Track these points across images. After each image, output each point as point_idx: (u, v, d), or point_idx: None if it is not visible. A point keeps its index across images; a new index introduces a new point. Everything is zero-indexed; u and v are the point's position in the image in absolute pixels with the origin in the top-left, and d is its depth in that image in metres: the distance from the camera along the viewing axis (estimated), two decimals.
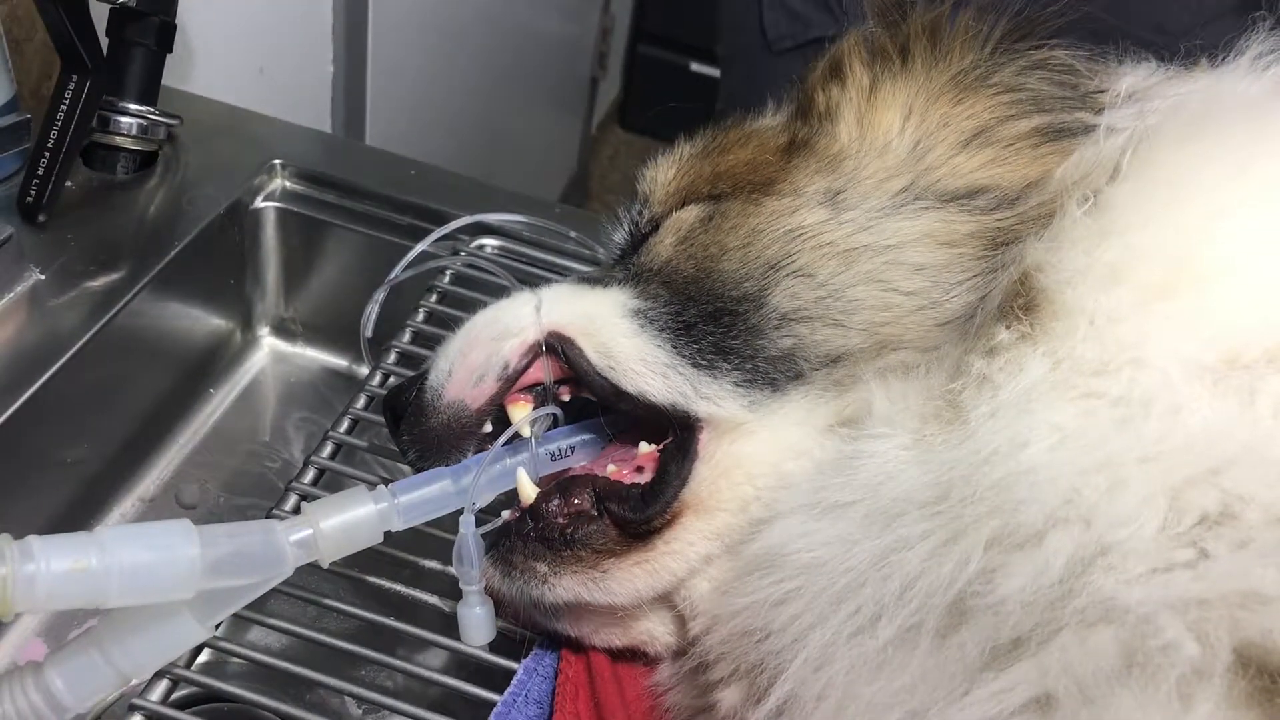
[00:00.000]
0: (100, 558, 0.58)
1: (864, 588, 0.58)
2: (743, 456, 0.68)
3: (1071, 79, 0.71)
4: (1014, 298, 0.62)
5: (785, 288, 0.68)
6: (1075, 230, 0.62)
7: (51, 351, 0.88)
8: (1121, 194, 0.62)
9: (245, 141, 1.12)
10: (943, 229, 0.67)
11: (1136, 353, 0.57)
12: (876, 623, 0.57)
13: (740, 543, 0.67)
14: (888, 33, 0.75)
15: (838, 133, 0.73)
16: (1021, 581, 0.53)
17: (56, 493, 0.90)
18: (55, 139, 0.95)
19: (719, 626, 0.67)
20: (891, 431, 0.62)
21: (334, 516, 0.65)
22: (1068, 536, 0.54)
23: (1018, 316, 0.61)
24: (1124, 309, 0.58)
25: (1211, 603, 0.50)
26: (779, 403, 0.68)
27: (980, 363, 0.61)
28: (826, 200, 0.70)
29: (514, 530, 0.71)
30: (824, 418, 0.67)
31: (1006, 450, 0.57)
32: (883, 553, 0.58)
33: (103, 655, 0.62)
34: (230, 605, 0.64)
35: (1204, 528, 0.53)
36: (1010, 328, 0.61)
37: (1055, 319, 0.60)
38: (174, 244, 1.00)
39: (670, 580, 0.69)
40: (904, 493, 0.59)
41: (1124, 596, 0.51)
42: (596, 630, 0.74)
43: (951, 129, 0.70)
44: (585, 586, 0.69)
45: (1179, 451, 0.54)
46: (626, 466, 0.73)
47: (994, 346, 0.61)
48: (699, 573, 0.69)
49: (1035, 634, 0.53)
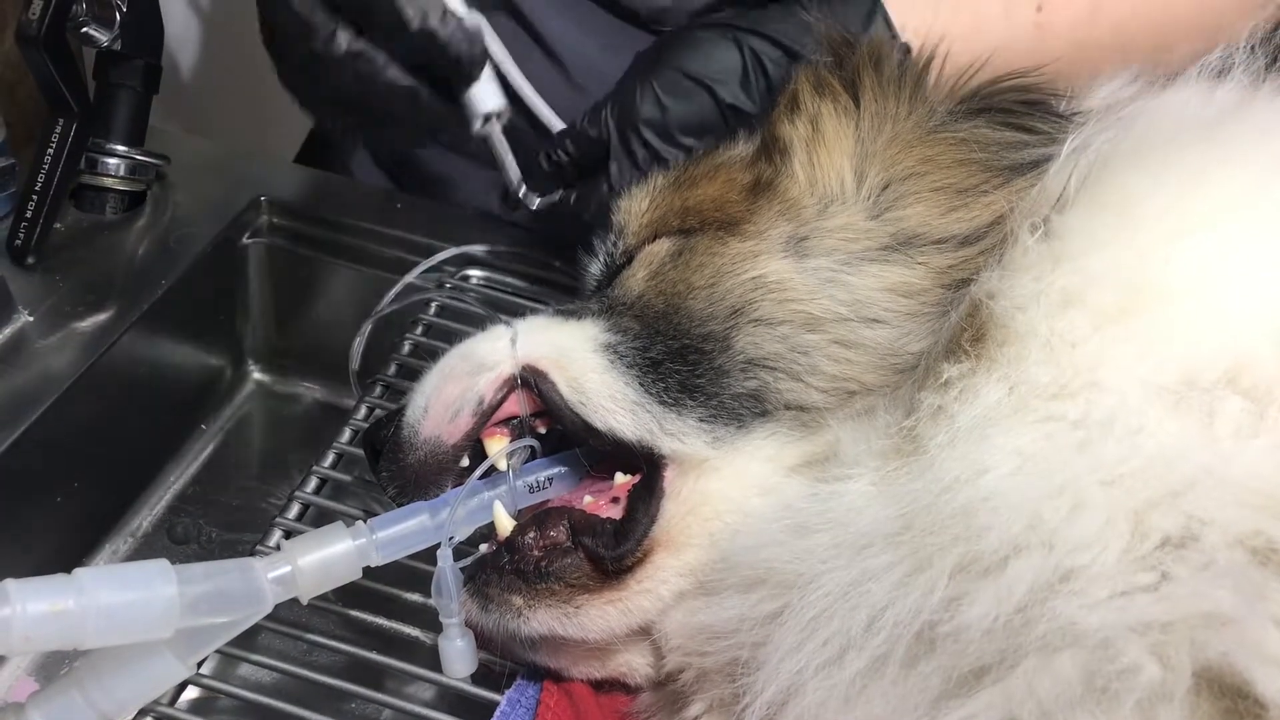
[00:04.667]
0: (78, 599, 0.58)
1: (832, 620, 0.58)
2: (710, 493, 0.69)
3: (1025, 118, 0.71)
4: (961, 333, 0.62)
5: (749, 334, 0.69)
6: (1027, 258, 0.62)
7: (42, 391, 0.89)
8: (1073, 220, 0.62)
9: (232, 179, 1.13)
10: (903, 280, 0.68)
11: (1093, 375, 0.57)
12: (845, 655, 0.57)
13: (713, 577, 0.67)
14: (837, 68, 0.75)
15: (795, 173, 0.73)
16: (984, 609, 0.53)
17: (48, 531, 0.91)
18: (43, 182, 0.96)
19: (692, 657, 0.67)
20: (857, 472, 0.63)
21: (312, 553, 0.66)
22: (1029, 562, 0.54)
23: (965, 350, 0.61)
24: (1079, 332, 0.59)
25: (1173, 625, 0.51)
26: (744, 440, 0.68)
27: (933, 397, 0.61)
28: (789, 249, 0.71)
29: (490, 563, 0.72)
30: (791, 457, 0.68)
31: (967, 477, 0.57)
32: (850, 584, 0.58)
33: (83, 696, 0.62)
34: (211, 643, 0.65)
35: (1165, 551, 0.53)
36: (959, 362, 0.61)
37: (1006, 344, 0.60)
38: (162, 282, 1.01)
39: (643, 618, 0.70)
40: (869, 525, 0.59)
41: (1085, 621, 0.52)
42: (575, 662, 0.74)
43: (908, 178, 0.70)
44: (559, 621, 0.70)
45: (1140, 474, 0.55)
46: (603, 498, 0.73)
47: (946, 381, 0.61)
48: (674, 607, 0.70)
49: (1000, 661, 0.53)
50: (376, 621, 0.79)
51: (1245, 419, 0.55)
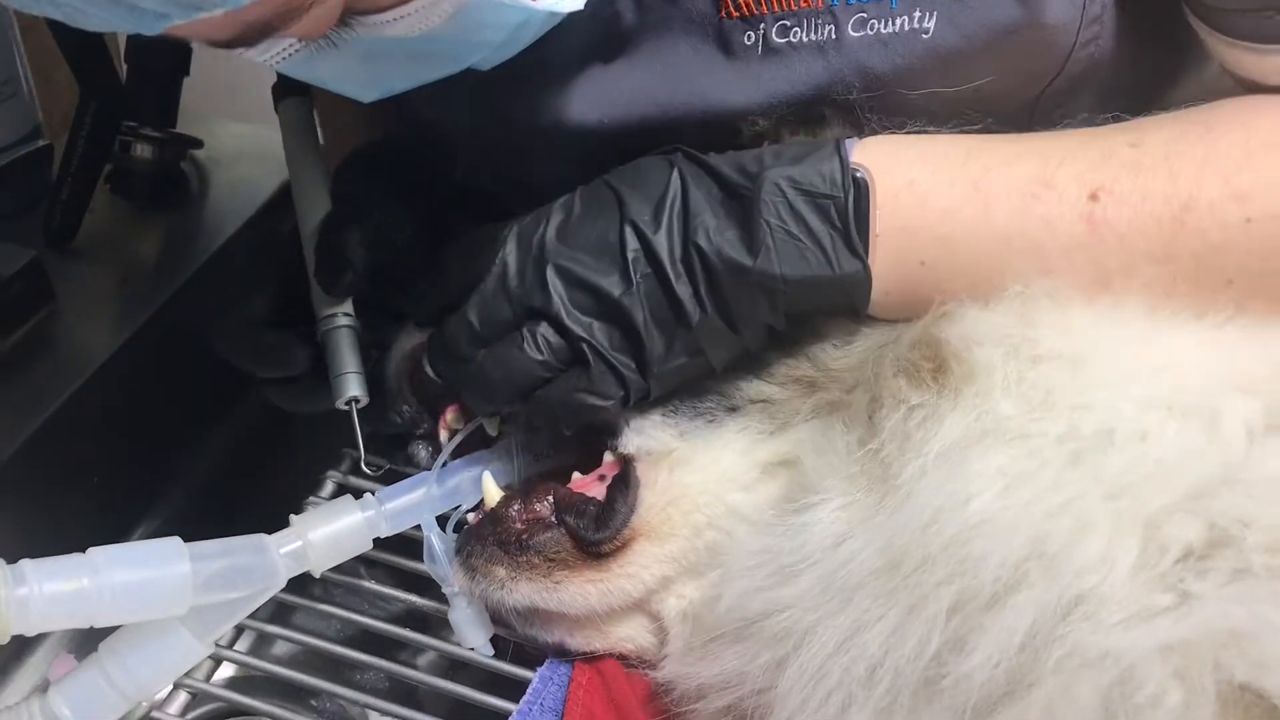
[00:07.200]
0: (93, 578, 0.59)
1: (831, 674, 0.55)
2: (688, 485, 0.68)
3: None
4: (921, 363, 0.60)
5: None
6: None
7: (76, 372, 0.90)
8: None
9: (266, 162, 1.13)
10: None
11: (1078, 399, 0.54)
12: (848, 711, 0.55)
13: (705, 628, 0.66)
14: None
15: None
16: (986, 654, 0.51)
17: (80, 514, 0.92)
18: (76, 164, 0.97)
19: (695, 703, 0.66)
20: (822, 498, 0.60)
21: (322, 527, 0.67)
22: (1032, 592, 0.50)
23: (926, 382, 0.59)
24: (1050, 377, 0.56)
25: (1196, 644, 0.47)
26: (715, 433, 0.67)
27: (896, 421, 0.58)
28: None
29: (475, 533, 0.72)
30: (764, 454, 0.66)
31: (951, 505, 0.54)
32: (845, 635, 0.55)
33: (106, 679, 0.63)
34: (226, 620, 0.65)
35: (1187, 564, 0.49)
36: (920, 389, 0.59)
37: (971, 380, 0.57)
38: (195, 265, 1.01)
39: (625, 600, 0.69)
40: (856, 565, 0.57)
41: (1102, 645, 0.49)
42: (570, 635, 0.73)
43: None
44: (540, 595, 0.69)
45: (1150, 480, 0.51)
46: (591, 474, 0.73)
47: (910, 406, 0.59)
48: (663, 590, 0.69)
49: (1012, 691, 0.50)
50: (410, 599, 0.79)
51: (1255, 417, 0.52)
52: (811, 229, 0.62)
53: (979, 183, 0.61)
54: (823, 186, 0.62)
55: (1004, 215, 0.60)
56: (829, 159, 0.62)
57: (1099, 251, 0.58)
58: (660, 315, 0.64)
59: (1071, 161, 0.60)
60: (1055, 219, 0.59)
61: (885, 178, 0.62)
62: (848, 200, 0.61)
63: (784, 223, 0.62)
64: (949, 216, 0.61)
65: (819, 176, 0.62)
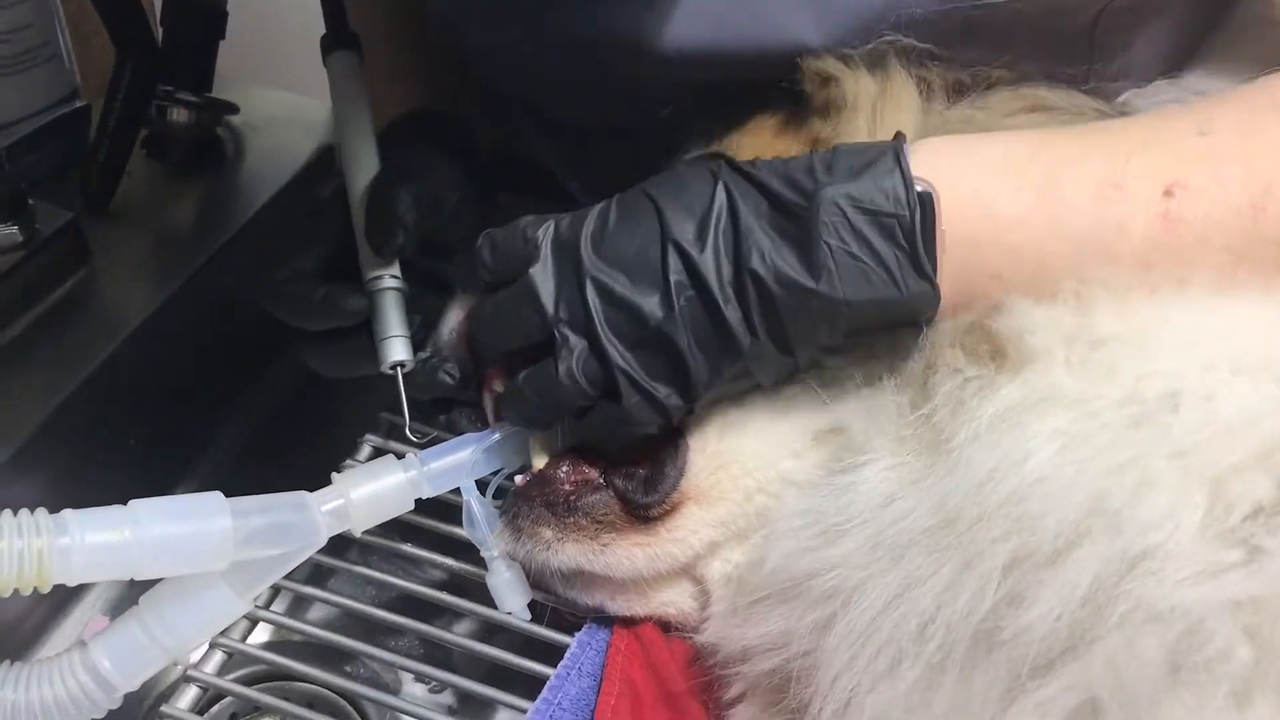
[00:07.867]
0: (134, 530, 0.59)
1: (881, 631, 0.54)
2: (739, 451, 0.66)
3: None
4: (978, 343, 0.59)
5: None
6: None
7: (111, 334, 0.90)
8: None
9: (302, 128, 1.13)
10: None
11: (1142, 369, 0.53)
12: (899, 665, 0.54)
13: (750, 590, 0.65)
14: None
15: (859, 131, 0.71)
16: (1047, 607, 0.49)
17: (116, 476, 0.92)
18: (113, 125, 0.97)
19: (738, 667, 0.65)
20: (869, 458, 0.59)
21: (364, 486, 0.66)
22: (1095, 548, 0.49)
23: (984, 360, 0.58)
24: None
25: (1267, 600, 0.46)
26: (767, 399, 0.66)
27: (948, 386, 0.57)
28: None
29: (521, 494, 0.71)
30: (819, 421, 0.65)
31: (1008, 464, 0.52)
32: (895, 592, 0.54)
33: (145, 633, 0.62)
34: (267, 577, 0.65)
35: (1257, 521, 0.48)
36: (978, 365, 0.58)
37: (1032, 360, 0.56)
38: (230, 230, 1.01)
39: (671, 564, 0.68)
40: (907, 523, 0.55)
41: (1169, 600, 0.47)
42: (612, 598, 0.72)
43: None
44: (586, 557, 0.68)
45: (1218, 439, 0.50)
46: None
47: (964, 377, 0.58)
48: (710, 555, 0.68)
49: (1074, 646, 0.49)
50: (447, 563, 0.78)
51: None
52: (876, 250, 0.59)
53: (1046, 188, 0.58)
54: (886, 205, 0.59)
55: (1075, 221, 0.58)
56: (890, 173, 0.59)
57: (1176, 250, 0.56)
58: (705, 339, 0.61)
59: (1141, 155, 0.57)
60: (1129, 221, 0.57)
61: (949, 190, 0.59)
62: (914, 219, 0.58)
63: (845, 244, 0.59)
64: (1018, 226, 0.58)
65: (881, 194, 0.59)
